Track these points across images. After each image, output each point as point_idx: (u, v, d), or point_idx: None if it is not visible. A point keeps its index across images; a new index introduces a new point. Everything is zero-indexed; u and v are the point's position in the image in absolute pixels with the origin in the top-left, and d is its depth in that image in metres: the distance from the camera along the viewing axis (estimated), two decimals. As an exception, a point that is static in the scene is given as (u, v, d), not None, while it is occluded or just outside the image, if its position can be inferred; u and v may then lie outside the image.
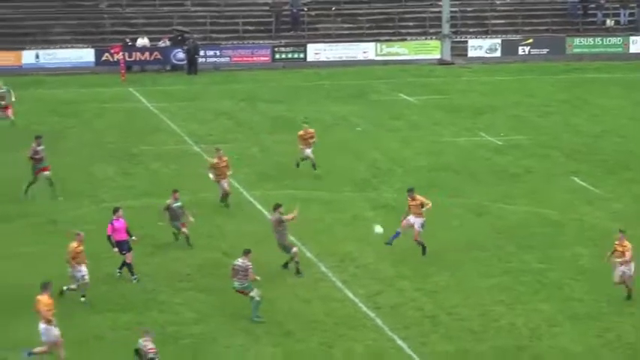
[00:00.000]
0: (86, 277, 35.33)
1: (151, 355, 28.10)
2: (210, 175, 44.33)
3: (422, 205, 36.80)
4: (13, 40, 74.17)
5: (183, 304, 34.18)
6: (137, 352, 28.12)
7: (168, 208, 40.05)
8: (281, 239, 36.72)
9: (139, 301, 34.10)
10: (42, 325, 30.47)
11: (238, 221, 42.15)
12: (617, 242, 32.39)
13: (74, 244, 35.32)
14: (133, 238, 37.75)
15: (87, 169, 47.57)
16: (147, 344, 28.12)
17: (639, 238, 36.63)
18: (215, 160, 44.02)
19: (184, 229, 39.77)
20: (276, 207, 37.22)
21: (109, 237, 37.08)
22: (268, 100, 64.04)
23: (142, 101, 64.27)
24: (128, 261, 37.27)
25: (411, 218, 36.91)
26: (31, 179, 44.87)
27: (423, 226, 37.06)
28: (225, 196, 44.30)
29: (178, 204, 40.04)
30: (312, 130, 48.24)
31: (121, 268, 37.50)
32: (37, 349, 30.27)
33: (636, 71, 72.72)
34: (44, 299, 30.81)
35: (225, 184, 44.07)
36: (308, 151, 47.88)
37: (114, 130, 56.86)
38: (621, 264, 32.14)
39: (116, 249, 37.31)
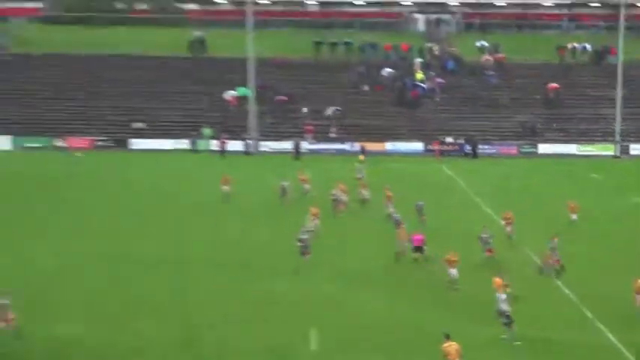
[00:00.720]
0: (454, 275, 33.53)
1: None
2: (502, 222, 41.68)
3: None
4: (380, 137, 75.20)
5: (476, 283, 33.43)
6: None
7: (479, 238, 37.45)
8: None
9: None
10: (499, 295, 28.90)
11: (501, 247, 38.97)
12: None
13: (450, 256, 33.82)
14: (424, 247, 36.80)
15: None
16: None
17: None
18: (504, 216, 41.56)
19: (489, 254, 36.79)
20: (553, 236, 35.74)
21: (410, 241, 37.27)
22: (517, 176, 63.37)
23: (448, 173, 64.22)
24: (417, 247, 36.76)
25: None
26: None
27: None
28: (510, 235, 40.89)
29: (486, 235, 37.69)
30: (575, 204, 44.58)
31: (415, 252, 36.91)
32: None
33: None
34: (498, 280, 29.44)
35: (509, 228, 40.96)
36: (575, 216, 44.30)
37: (430, 188, 55.95)
38: None
39: (413, 249, 37.04)
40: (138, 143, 74.06)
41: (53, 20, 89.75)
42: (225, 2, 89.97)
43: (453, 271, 33.79)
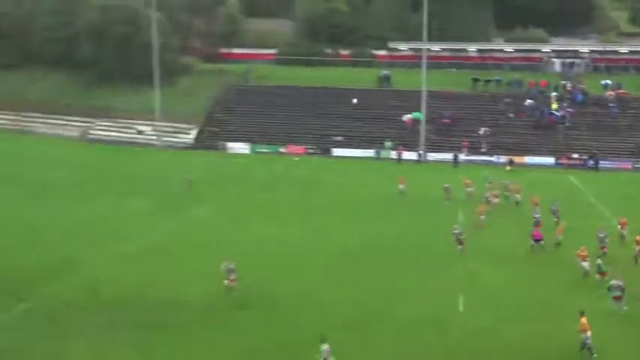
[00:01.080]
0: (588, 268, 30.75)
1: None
2: (618, 226, 38.33)
3: None
4: (521, 152, 72.17)
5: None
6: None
7: (597, 236, 35.50)
8: None
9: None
10: None
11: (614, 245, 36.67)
12: None
13: (581, 251, 31.35)
14: (541, 242, 34.45)
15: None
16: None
17: None
18: (619, 221, 38.76)
19: (604, 250, 34.34)
20: None
21: (531, 236, 35.34)
22: (631, 186, 59.15)
23: (574, 182, 61.22)
24: (537, 240, 34.60)
25: None
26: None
27: None
28: (623, 235, 37.49)
29: (602, 234, 35.43)
30: None
31: (535, 242, 34.81)
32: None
33: None
34: None
35: (623, 231, 37.57)
36: None
37: (560, 193, 52.47)
38: None
39: (533, 240, 35.16)
40: (337, 151, 75.60)
41: (283, 62, 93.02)
42: (406, 49, 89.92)
43: (585, 264, 32.16)
